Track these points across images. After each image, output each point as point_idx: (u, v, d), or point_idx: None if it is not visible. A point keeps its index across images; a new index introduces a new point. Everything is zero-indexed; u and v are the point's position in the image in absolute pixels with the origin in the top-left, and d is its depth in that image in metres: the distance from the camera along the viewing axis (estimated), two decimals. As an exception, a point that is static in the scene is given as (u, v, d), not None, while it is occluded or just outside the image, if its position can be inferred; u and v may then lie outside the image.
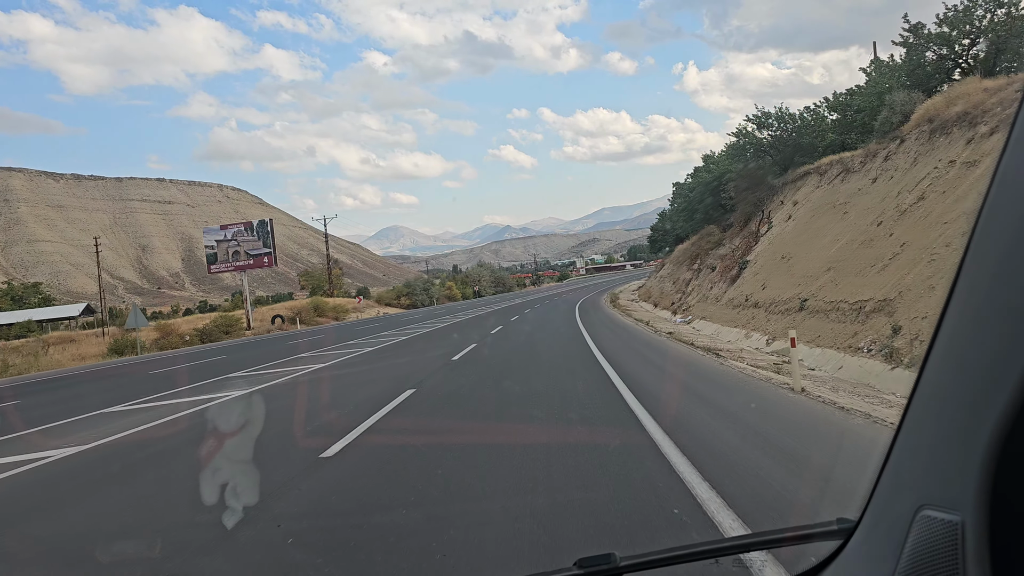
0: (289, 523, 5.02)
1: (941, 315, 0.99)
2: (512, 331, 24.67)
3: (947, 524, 0.94)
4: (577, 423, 7.93)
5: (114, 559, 4.73)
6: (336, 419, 9.23)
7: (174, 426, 10.11)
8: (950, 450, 0.96)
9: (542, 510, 4.84)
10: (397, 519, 4.92)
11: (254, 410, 10.57)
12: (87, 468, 7.90)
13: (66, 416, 12.37)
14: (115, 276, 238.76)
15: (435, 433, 8.17)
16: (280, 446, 7.76)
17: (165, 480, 7.02)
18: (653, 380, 11.47)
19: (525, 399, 9.98)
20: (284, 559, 4.37)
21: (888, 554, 1.07)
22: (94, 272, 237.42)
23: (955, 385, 0.96)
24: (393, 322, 42.68)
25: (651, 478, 5.35)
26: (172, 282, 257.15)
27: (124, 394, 15.15)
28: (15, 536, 5.64)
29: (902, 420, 1.10)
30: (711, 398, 9.24)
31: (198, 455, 7.51)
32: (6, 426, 12.64)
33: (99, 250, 68.86)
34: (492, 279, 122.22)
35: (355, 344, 24.36)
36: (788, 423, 7.36)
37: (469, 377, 12.98)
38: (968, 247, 0.93)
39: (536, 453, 6.49)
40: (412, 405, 10.11)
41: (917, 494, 1.03)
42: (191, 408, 11.70)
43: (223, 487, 5.38)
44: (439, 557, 4.10)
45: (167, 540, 4.89)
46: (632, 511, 4.63)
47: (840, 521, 1.29)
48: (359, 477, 6.28)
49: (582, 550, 1.52)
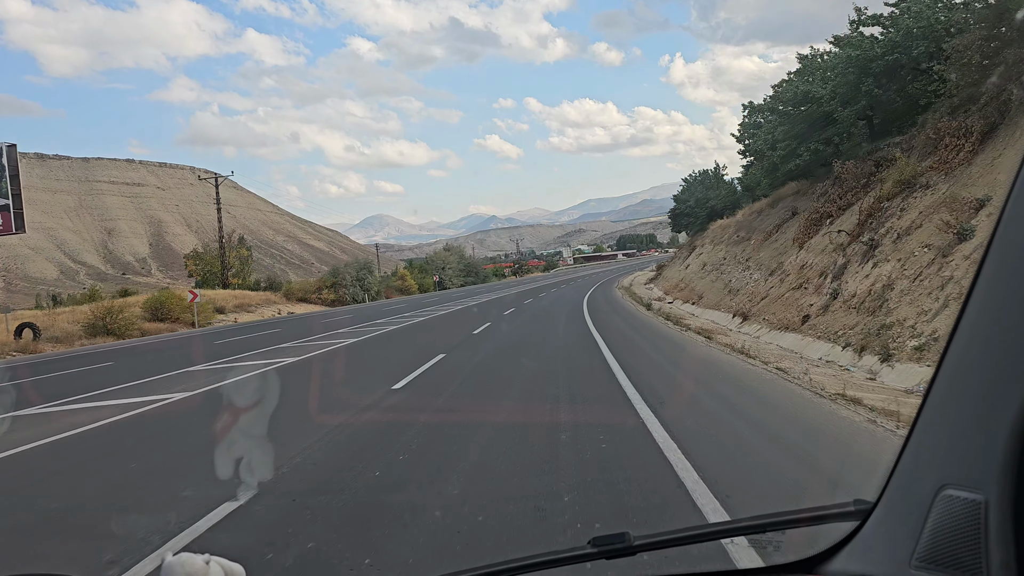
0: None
1: (968, 294, 0.98)
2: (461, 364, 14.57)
3: (970, 503, 0.94)
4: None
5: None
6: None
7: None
8: (973, 429, 0.96)
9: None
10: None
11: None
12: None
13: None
14: (77, 261, 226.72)
15: None
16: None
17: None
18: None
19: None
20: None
21: (908, 534, 1.06)
22: (55, 257, 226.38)
23: (979, 364, 0.96)
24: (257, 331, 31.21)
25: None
26: (139, 268, 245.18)
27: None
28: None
29: (925, 399, 1.09)
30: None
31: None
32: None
33: (62, 233, 55.59)
34: (460, 267, 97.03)
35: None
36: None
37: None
38: (997, 224, 0.92)
39: None
40: None
41: (939, 473, 1.02)
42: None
43: None
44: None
45: None
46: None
47: (857, 502, 1.25)
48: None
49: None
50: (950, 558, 0.97)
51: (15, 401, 12.85)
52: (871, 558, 1.17)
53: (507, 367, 12.81)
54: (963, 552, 0.94)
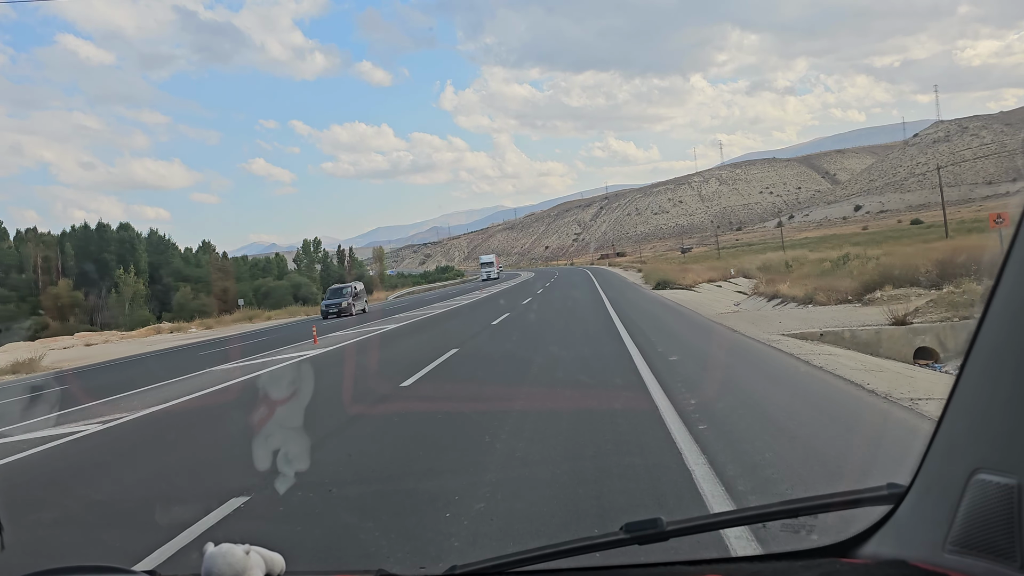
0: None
1: (999, 273, 0.96)
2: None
3: (1003, 487, 0.93)
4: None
5: None
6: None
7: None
8: (1006, 412, 0.95)
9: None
10: None
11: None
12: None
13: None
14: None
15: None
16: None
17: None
18: None
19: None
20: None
21: (941, 518, 1.05)
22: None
23: (1011, 346, 0.94)
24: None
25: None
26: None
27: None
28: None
29: (956, 383, 1.06)
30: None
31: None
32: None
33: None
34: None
35: None
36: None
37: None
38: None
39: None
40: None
41: (971, 458, 1.01)
42: None
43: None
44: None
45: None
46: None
47: (891, 486, 1.23)
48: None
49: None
50: (984, 542, 0.97)
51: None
52: (905, 542, 1.17)
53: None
54: (997, 536, 0.94)
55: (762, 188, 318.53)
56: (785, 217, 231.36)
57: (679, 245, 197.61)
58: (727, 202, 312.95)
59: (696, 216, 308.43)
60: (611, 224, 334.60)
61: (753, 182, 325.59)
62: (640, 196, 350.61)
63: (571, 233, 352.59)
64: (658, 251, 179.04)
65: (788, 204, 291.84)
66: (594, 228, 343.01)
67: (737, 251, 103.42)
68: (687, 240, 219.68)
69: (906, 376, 9.33)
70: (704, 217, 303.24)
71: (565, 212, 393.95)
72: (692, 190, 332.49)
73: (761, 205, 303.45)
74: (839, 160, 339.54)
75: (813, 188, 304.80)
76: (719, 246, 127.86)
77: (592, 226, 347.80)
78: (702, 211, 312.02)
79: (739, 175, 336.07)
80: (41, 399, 16.84)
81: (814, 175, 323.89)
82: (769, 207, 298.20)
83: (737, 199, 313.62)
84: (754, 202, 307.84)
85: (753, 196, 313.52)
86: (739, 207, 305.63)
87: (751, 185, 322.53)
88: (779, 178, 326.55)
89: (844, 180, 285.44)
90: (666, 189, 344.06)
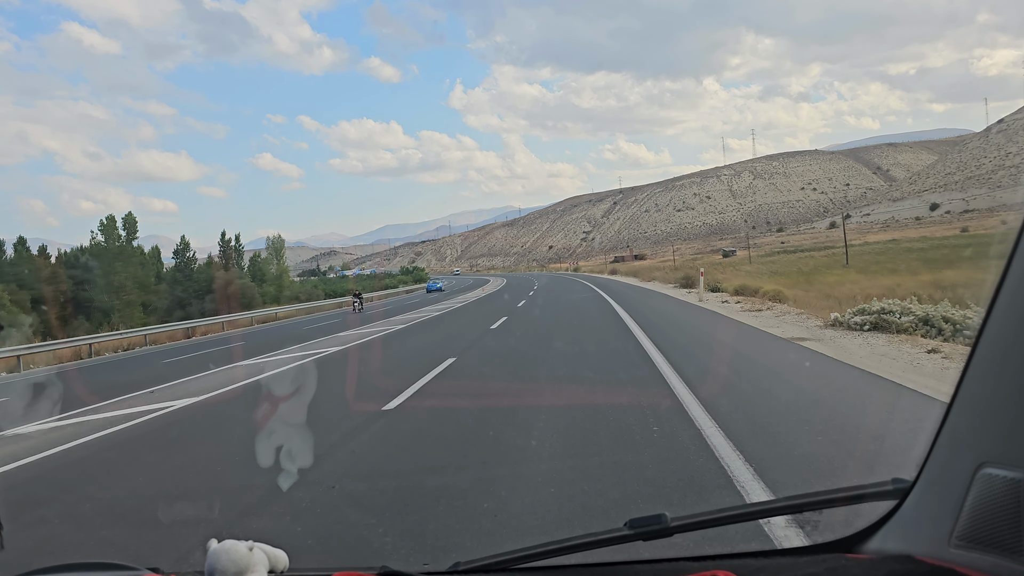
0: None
1: (1005, 267, 0.97)
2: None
3: (1009, 482, 0.94)
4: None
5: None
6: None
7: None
8: (1012, 407, 0.95)
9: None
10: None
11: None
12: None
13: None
14: None
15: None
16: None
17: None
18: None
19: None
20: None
21: (947, 513, 1.06)
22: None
23: (1017, 340, 0.95)
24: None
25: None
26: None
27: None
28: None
29: (961, 378, 1.07)
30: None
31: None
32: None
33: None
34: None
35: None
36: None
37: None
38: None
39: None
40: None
41: (977, 452, 1.01)
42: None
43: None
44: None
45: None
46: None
47: (895, 481, 1.24)
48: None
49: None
50: (990, 537, 0.96)
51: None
52: (910, 537, 1.16)
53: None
54: (1003, 530, 0.94)
55: (803, 184, 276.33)
56: (839, 217, 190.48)
57: (710, 247, 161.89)
58: (763, 199, 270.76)
59: (727, 214, 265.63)
60: (625, 222, 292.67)
61: (793, 176, 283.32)
62: (660, 191, 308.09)
63: (579, 231, 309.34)
64: (684, 254, 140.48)
65: (836, 203, 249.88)
66: (606, 226, 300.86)
67: (799, 258, 74.16)
68: (719, 242, 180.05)
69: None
70: (736, 215, 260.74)
71: (573, 207, 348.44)
72: (722, 184, 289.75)
73: (804, 203, 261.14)
74: (891, 154, 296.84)
75: (864, 185, 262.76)
76: (770, 250, 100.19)
77: (604, 224, 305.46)
78: (734, 208, 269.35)
79: (776, 168, 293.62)
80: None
81: (863, 170, 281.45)
82: (813, 205, 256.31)
83: (775, 195, 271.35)
84: (795, 199, 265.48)
85: (794, 193, 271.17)
86: (777, 204, 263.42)
87: (791, 180, 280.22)
88: (823, 173, 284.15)
89: (900, 176, 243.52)
90: (691, 183, 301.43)
